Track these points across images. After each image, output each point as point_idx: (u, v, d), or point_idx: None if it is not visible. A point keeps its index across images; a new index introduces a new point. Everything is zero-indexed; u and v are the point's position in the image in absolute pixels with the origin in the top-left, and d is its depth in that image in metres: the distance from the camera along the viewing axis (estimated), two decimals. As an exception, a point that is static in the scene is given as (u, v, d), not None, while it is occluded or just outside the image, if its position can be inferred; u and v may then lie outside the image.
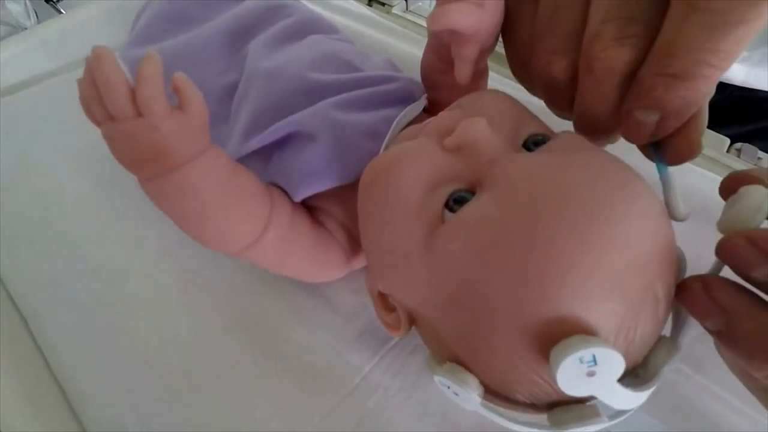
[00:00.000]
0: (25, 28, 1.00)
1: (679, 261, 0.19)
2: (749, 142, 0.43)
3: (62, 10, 1.05)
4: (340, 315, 0.30)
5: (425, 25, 0.49)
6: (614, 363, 0.15)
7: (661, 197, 0.19)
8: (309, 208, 0.27)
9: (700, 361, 0.26)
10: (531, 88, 0.24)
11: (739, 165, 0.40)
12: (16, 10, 1.05)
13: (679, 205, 0.19)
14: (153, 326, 0.30)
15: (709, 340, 0.19)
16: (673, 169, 0.20)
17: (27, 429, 0.26)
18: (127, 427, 0.26)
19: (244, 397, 0.27)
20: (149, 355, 0.28)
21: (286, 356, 0.28)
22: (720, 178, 0.19)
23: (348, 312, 0.30)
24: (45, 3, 1.07)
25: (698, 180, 0.34)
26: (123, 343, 0.29)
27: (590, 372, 0.15)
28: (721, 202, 0.19)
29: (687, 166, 0.36)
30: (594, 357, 0.15)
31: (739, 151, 0.43)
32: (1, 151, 0.39)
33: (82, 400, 0.27)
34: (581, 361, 0.15)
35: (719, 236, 0.17)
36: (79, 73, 0.48)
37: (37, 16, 1.07)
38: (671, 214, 0.19)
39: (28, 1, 1.06)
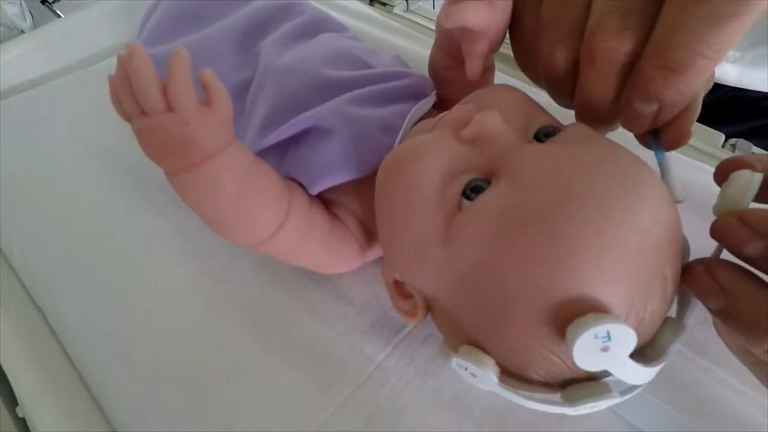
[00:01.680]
0: (22, 30, 1.00)
1: (684, 245, 0.20)
2: (741, 138, 0.45)
3: (59, 13, 1.05)
4: (353, 306, 0.31)
5: (426, 24, 0.51)
6: (627, 338, 0.16)
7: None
8: (324, 201, 0.28)
9: (702, 344, 0.27)
10: (534, 79, 0.25)
11: (734, 159, 0.41)
12: (11, 11, 1.05)
13: (677, 188, 0.20)
14: (167, 321, 0.30)
15: (710, 324, 0.20)
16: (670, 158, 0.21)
17: (52, 416, 0.27)
18: (148, 416, 0.26)
19: (259, 390, 0.27)
20: (166, 348, 0.29)
21: (300, 348, 0.29)
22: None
23: (360, 303, 0.31)
24: (41, 5, 1.07)
25: (697, 173, 0.35)
26: (138, 337, 0.29)
27: (604, 347, 0.16)
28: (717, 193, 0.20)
29: (686, 161, 0.37)
30: (608, 333, 0.16)
31: (733, 146, 0.44)
32: (6, 153, 0.39)
33: (104, 392, 0.28)
34: (596, 337, 0.16)
35: None
36: (81, 75, 0.48)
37: (33, 18, 1.07)
38: (672, 195, 0.20)
39: (24, 3, 1.05)
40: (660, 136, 0.21)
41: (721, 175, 0.20)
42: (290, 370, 0.28)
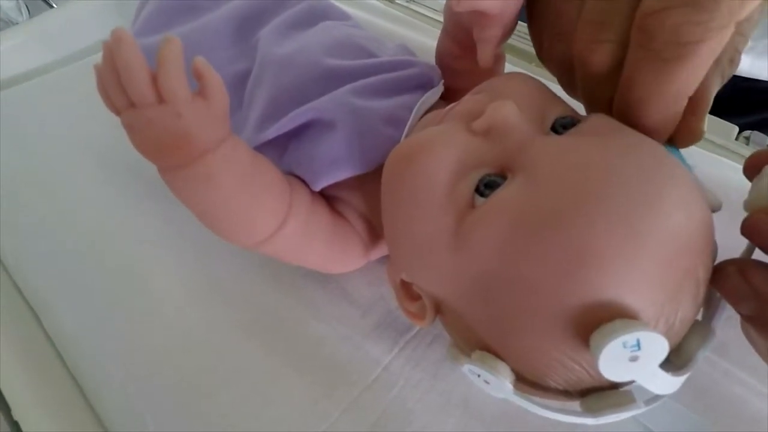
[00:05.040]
0: (17, 24, 0.98)
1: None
2: (756, 131, 0.43)
3: (54, 4, 1.03)
4: (357, 307, 0.30)
5: (430, 15, 0.49)
6: (658, 347, 0.15)
7: None
8: (327, 198, 0.27)
9: (724, 345, 0.26)
10: (549, 69, 0.24)
11: (748, 152, 0.40)
12: (6, 5, 1.03)
13: (710, 196, 0.19)
14: (168, 323, 0.29)
15: (732, 325, 0.19)
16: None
17: (44, 420, 0.26)
18: (146, 422, 0.25)
19: (263, 393, 0.26)
20: (166, 351, 0.28)
21: (304, 350, 0.28)
22: (731, 164, 0.19)
23: (365, 304, 0.30)
24: (37, -2, 1.05)
25: (710, 165, 0.34)
26: (138, 339, 0.28)
27: (633, 357, 0.15)
28: (737, 187, 0.19)
29: (700, 153, 0.36)
30: (638, 341, 0.15)
31: (747, 138, 0.43)
32: (3, 146, 0.38)
33: (99, 397, 0.27)
34: (624, 346, 0.15)
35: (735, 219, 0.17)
36: (76, 67, 0.47)
37: (29, 11, 1.05)
38: None
39: (19, -3, 1.04)
40: (674, 136, 0.20)
41: (752, 168, 0.19)
42: (293, 374, 0.27)
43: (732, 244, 0.18)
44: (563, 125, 0.20)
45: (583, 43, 0.19)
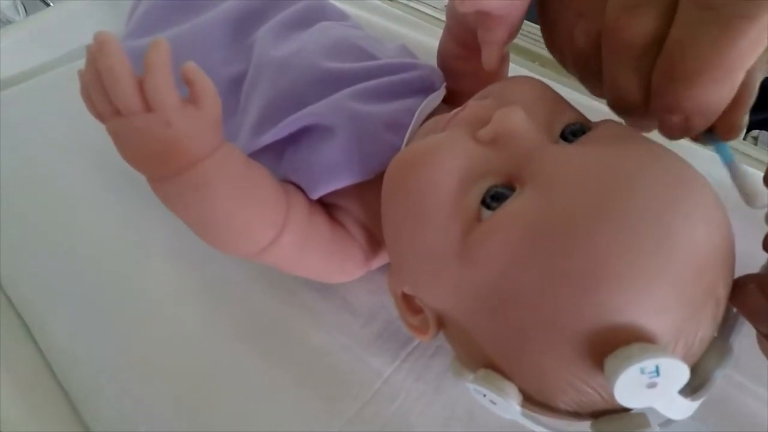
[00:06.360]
0: (14, 23, 0.97)
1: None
2: (764, 130, 0.43)
3: (50, 3, 1.02)
4: (358, 317, 0.29)
5: (432, 14, 0.48)
6: (678, 374, 0.14)
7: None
8: (325, 205, 0.26)
9: (737, 358, 0.25)
10: (560, 60, 0.22)
11: (756, 152, 0.39)
12: (4, 4, 1.02)
13: (754, 193, 0.17)
14: (164, 333, 0.28)
15: (745, 336, 0.18)
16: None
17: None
18: (140, 438, 0.25)
19: (261, 405, 0.26)
20: (161, 362, 0.27)
21: (304, 361, 0.27)
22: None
23: (366, 313, 0.29)
24: (33, -3, 1.04)
25: (721, 169, 0.33)
26: (133, 350, 0.28)
27: (651, 384, 0.14)
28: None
29: (704, 154, 0.35)
30: (657, 368, 0.14)
31: (756, 138, 0.42)
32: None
33: (91, 409, 0.26)
34: (642, 372, 0.14)
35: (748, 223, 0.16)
36: (72, 66, 0.46)
37: (26, 10, 1.04)
38: (748, 202, 0.17)
39: (16, -5, 1.03)
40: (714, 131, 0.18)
41: None
42: (292, 386, 0.26)
43: (744, 250, 0.17)
44: (573, 132, 0.19)
45: (618, 10, 0.16)
